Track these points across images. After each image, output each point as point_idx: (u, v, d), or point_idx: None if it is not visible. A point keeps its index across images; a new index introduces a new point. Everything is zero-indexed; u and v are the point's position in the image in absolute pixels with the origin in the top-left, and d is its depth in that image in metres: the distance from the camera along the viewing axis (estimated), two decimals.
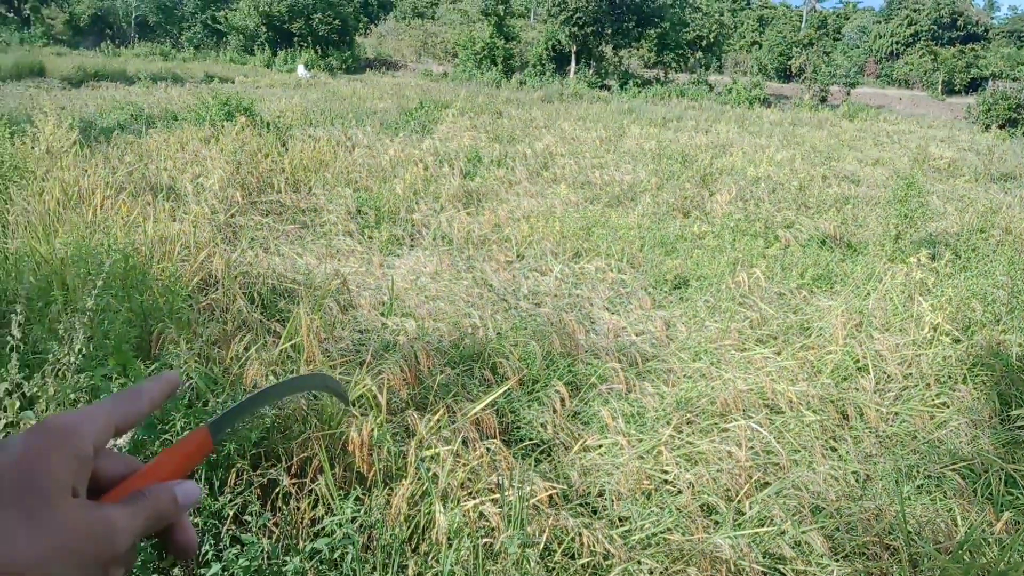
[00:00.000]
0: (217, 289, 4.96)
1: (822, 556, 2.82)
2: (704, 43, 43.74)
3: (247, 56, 39.54)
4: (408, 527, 2.74)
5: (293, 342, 3.86)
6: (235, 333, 4.11)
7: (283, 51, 38.51)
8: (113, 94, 18.52)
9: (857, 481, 3.49)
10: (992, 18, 64.01)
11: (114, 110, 13.83)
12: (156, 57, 36.62)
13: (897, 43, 55.96)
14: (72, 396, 2.98)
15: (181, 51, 40.81)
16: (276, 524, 2.78)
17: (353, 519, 2.71)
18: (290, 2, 39.12)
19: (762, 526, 2.97)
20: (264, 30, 39.76)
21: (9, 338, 2.79)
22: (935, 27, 55.23)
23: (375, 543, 2.68)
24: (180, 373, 3.26)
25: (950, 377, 4.61)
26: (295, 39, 39.58)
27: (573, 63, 38.70)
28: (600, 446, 3.60)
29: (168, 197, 7.14)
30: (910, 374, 4.62)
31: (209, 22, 42.89)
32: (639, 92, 33.74)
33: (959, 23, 56.16)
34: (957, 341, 4.95)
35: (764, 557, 2.83)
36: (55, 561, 0.41)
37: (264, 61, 37.76)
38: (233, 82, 25.75)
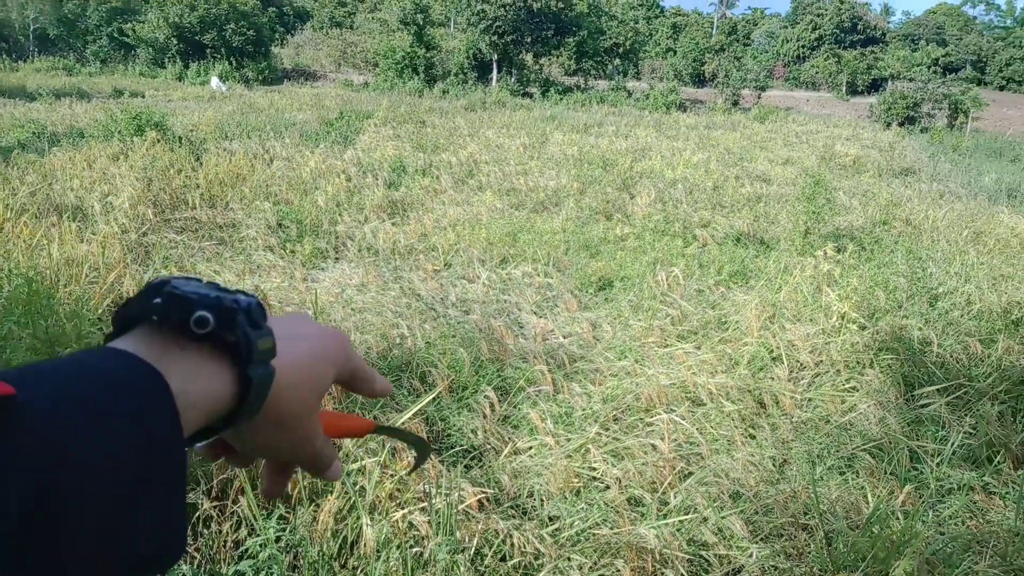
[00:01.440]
0: None
1: (742, 539, 2.94)
2: (621, 50, 44.83)
3: (158, 69, 38.10)
4: (336, 542, 2.71)
5: None
6: None
7: (196, 63, 37.29)
8: (12, 111, 17.52)
9: (774, 466, 3.64)
10: (888, 22, 68.03)
11: (13, 128, 13.10)
12: (59, 72, 34.85)
13: (803, 47, 58.69)
14: None
15: (87, 65, 38.97)
16: (197, 549, 2.70)
17: (277, 539, 2.66)
18: (201, 13, 37.96)
19: (686, 514, 3.06)
20: (175, 42, 38.43)
21: None
22: (837, 31, 58.21)
23: (302, 561, 2.64)
24: None
25: (858, 363, 4.86)
26: (208, 51, 38.42)
27: (495, 71, 38.99)
28: (530, 448, 3.64)
29: (75, 217, 6.81)
30: (821, 361, 4.85)
31: (116, 35, 41.06)
32: (561, 99, 34.26)
33: (859, 27, 59.38)
34: (863, 328, 5.23)
35: (688, 544, 2.92)
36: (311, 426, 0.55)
37: (176, 74, 36.46)
38: (143, 96, 24.79)
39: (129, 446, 0.38)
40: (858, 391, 4.49)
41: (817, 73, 53.89)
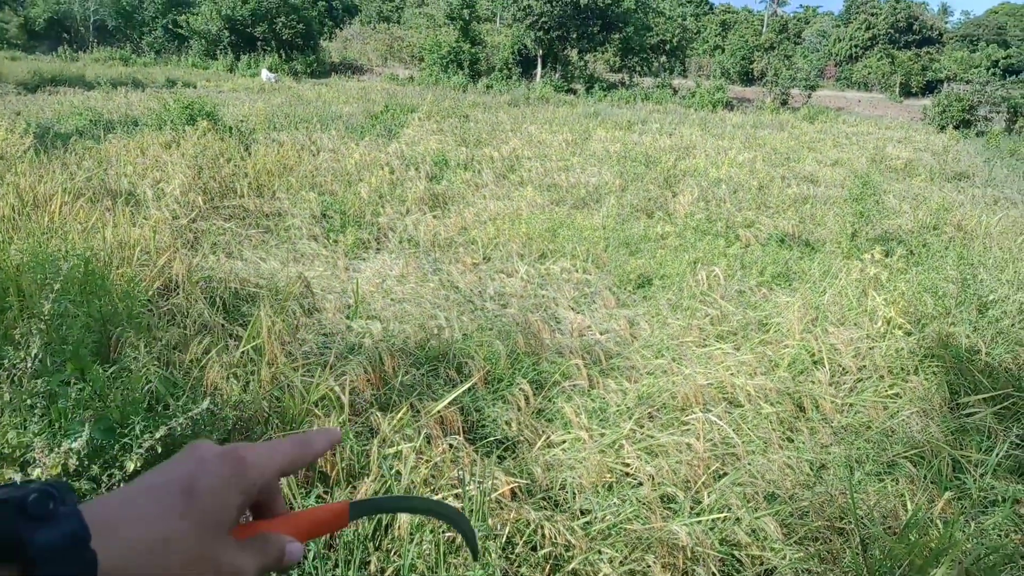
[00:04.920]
0: (178, 294, 4.92)
1: (776, 541, 2.91)
2: (668, 47, 44.33)
3: (209, 61, 38.96)
4: (371, 524, 2.76)
5: (254, 344, 3.85)
6: (195, 337, 4.08)
7: (246, 55, 38.03)
8: (71, 99, 18.13)
9: (811, 469, 3.59)
10: (946, 23, 65.95)
11: (72, 115, 13.55)
12: (116, 62, 35.89)
13: (856, 47, 57.23)
14: (28, 401, 2.95)
15: (142, 56, 40.06)
16: None
17: None
18: (253, 6, 38.67)
19: (719, 514, 3.05)
20: (227, 34, 39.23)
21: None
22: (892, 31, 56.62)
23: (337, 540, 2.70)
24: (140, 377, 3.24)
25: (902, 369, 4.76)
26: (258, 43, 39.14)
27: (539, 67, 38.91)
28: (563, 442, 3.66)
29: (128, 202, 7.04)
30: (864, 366, 4.76)
31: (170, 26, 42.11)
32: (604, 96, 34.03)
33: (915, 27, 57.67)
34: (909, 334, 5.11)
35: (720, 544, 2.90)
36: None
37: (227, 66, 37.23)
38: (195, 87, 25.39)
39: None
40: (901, 398, 4.40)
41: (869, 73, 52.53)
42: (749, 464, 3.48)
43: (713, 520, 3.02)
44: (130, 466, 2.72)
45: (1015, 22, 63.69)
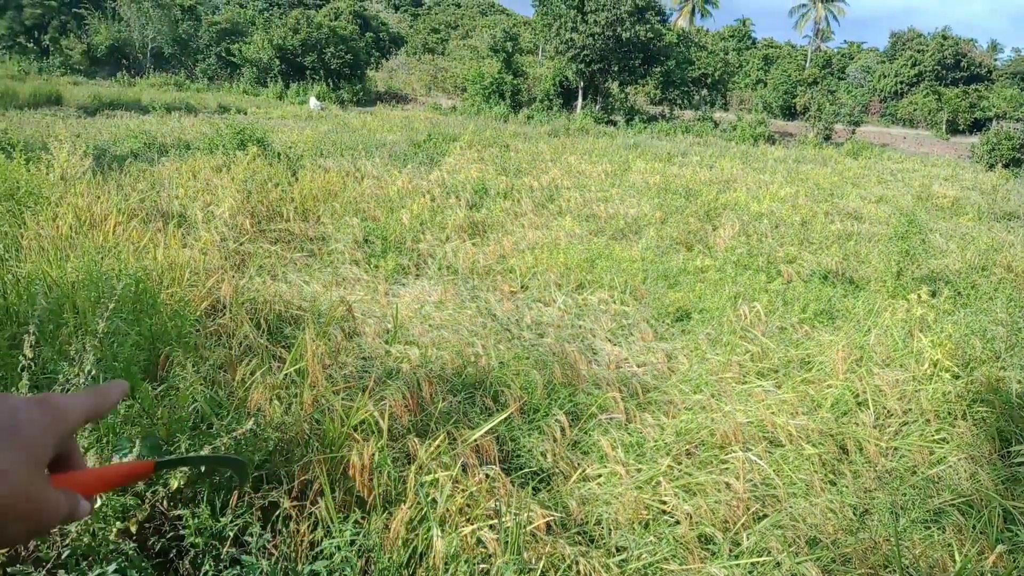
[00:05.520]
0: (224, 314, 5.04)
1: None
2: (709, 81, 44.38)
3: (260, 88, 40.25)
4: (406, 551, 2.77)
5: (297, 367, 3.91)
6: (241, 358, 4.17)
7: (295, 83, 39.20)
8: (128, 123, 18.87)
9: (855, 514, 3.50)
10: (995, 60, 64.73)
11: (128, 138, 14.09)
12: (170, 87, 37.30)
13: (901, 83, 56.56)
14: None
15: (195, 82, 41.58)
16: (275, 546, 2.81)
17: (352, 542, 2.74)
18: (303, 36, 39.95)
19: (759, 557, 2.98)
20: (277, 63, 40.53)
21: (21, 358, 2.86)
22: (939, 67, 55.86)
23: (373, 567, 2.71)
24: (187, 395, 3.32)
25: (949, 413, 4.62)
26: (307, 72, 40.34)
27: (580, 99, 39.27)
28: (599, 475, 3.63)
29: (179, 224, 7.26)
30: (910, 409, 4.63)
31: (223, 54, 43.73)
32: (644, 128, 34.14)
33: (962, 64, 56.81)
34: (957, 377, 4.97)
35: None
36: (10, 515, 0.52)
37: (276, 93, 38.40)
38: (246, 113, 26.20)
39: None
40: (948, 443, 4.27)
41: (915, 110, 51.79)
42: (790, 506, 3.40)
43: (752, 564, 2.96)
44: (173, 484, 2.78)
45: None
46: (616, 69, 38.31)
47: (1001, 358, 5.40)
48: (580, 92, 39.29)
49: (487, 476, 3.20)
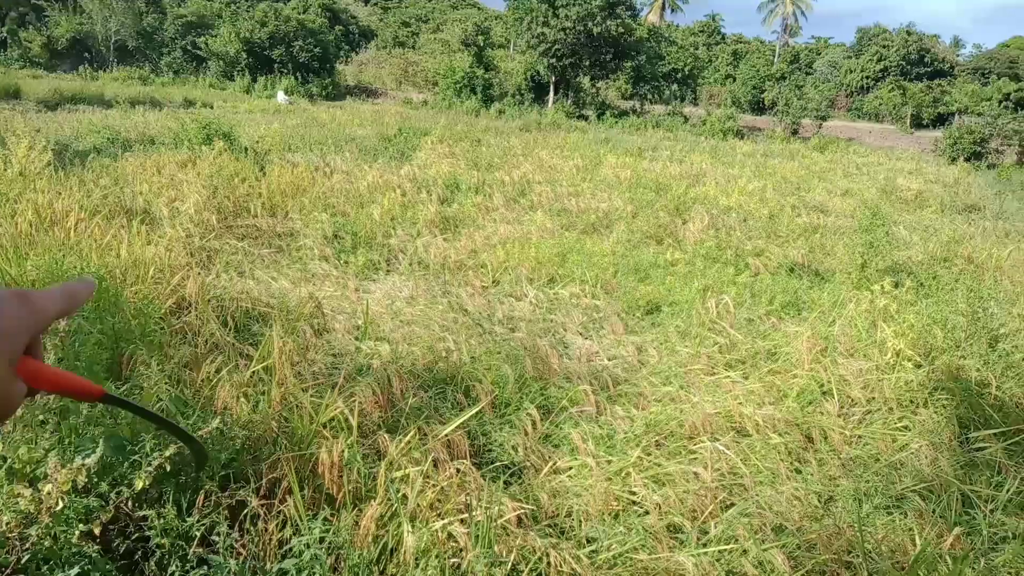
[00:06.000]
0: (190, 312, 4.96)
1: (783, 574, 2.88)
2: (679, 76, 44.71)
3: (227, 82, 39.53)
4: (376, 548, 2.76)
5: (265, 364, 3.87)
6: (207, 355, 4.11)
7: (263, 77, 38.58)
8: (90, 117, 18.40)
9: (820, 501, 3.57)
10: (958, 55, 66.06)
11: (90, 133, 13.77)
12: (135, 81, 36.48)
13: (867, 78, 57.46)
14: (41, 417, 2.98)
15: (160, 76, 40.71)
16: (243, 545, 2.78)
17: (321, 540, 2.73)
18: (271, 29, 39.34)
19: (726, 545, 3.03)
20: (244, 56, 39.85)
21: None
22: (903, 63, 56.81)
23: (343, 564, 2.70)
24: (151, 394, 3.27)
25: (912, 401, 4.73)
26: (275, 65, 39.73)
27: (552, 93, 39.29)
28: (570, 468, 3.65)
29: (143, 220, 7.12)
30: (873, 398, 4.73)
31: (189, 47, 42.89)
32: (616, 123, 34.28)
33: (926, 59, 57.84)
34: (918, 366, 5.09)
35: (727, 575, 2.88)
36: None
37: (244, 87, 37.76)
38: (212, 107, 25.75)
39: None
40: (910, 430, 4.37)
41: (881, 105, 52.67)
42: (757, 495, 3.46)
43: (720, 551, 3.00)
44: (138, 484, 2.74)
45: None
46: (587, 64, 38.39)
47: (961, 347, 5.54)
48: (552, 87, 39.30)
49: (458, 471, 3.20)
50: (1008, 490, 3.67)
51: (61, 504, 2.52)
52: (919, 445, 4.14)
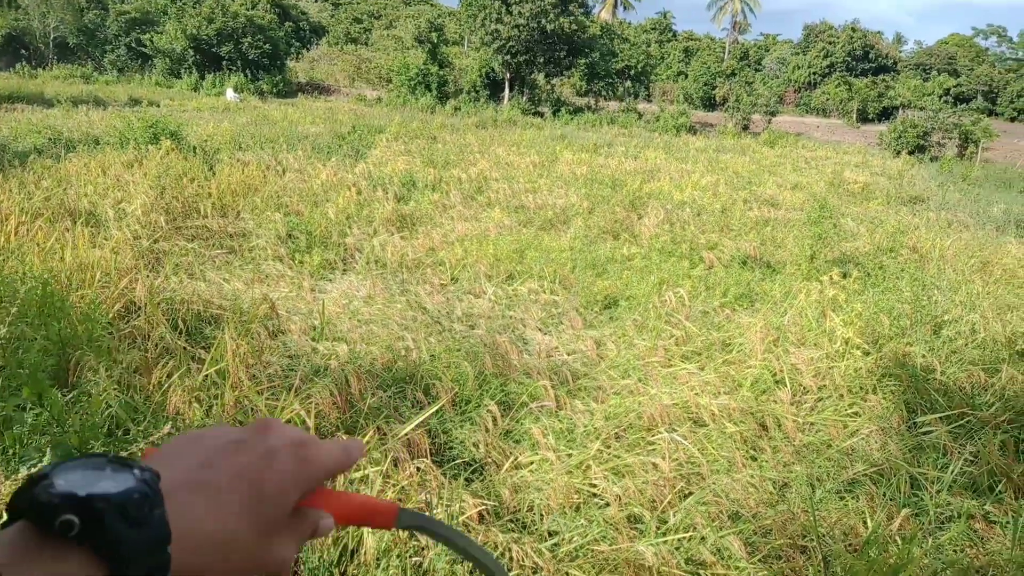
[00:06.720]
0: (139, 316, 4.83)
1: (740, 559, 2.95)
2: (632, 72, 45.14)
3: (173, 79, 38.50)
4: (336, 549, 2.73)
5: (218, 368, 3.79)
6: (157, 360, 4.01)
7: (211, 75, 37.70)
8: (30, 117, 17.75)
9: (775, 488, 3.65)
10: (900, 51, 68.20)
11: (31, 133, 13.28)
12: (77, 79, 35.31)
13: (814, 73, 58.86)
14: None
15: (104, 74, 39.45)
16: None
17: None
18: (219, 26, 38.44)
19: (685, 533, 3.08)
20: (192, 53, 38.86)
21: None
22: (849, 59, 58.37)
23: (302, 567, 2.66)
24: (99, 401, 3.17)
25: (861, 388, 4.87)
26: (224, 63, 38.85)
27: (507, 90, 39.29)
28: (531, 463, 3.66)
29: (88, 223, 6.90)
30: (824, 386, 4.86)
31: (134, 45, 41.59)
32: (571, 119, 34.48)
33: (871, 55, 59.55)
34: (867, 354, 5.24)
35: (686, 563, 2.93)
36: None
37: (191, 84, 36.84)
38: (159, 105, 25.08)
39: None
40: (860, 416, 4.50)
41: (828, 100, 54.03)
42: (714, 483, 3.52)
43: (679, 539, 3.05)
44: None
45: (964, 52, 66.23)
46: (542, 61, 38.49)
47: (907, 334, 5.73)
48: (507, 83, 39.30)
49: (418, 469, 3.19)
50: (952, 471, 3.81)
51: (5, 517, 2.43)
52: (869, 430, 4.27)
